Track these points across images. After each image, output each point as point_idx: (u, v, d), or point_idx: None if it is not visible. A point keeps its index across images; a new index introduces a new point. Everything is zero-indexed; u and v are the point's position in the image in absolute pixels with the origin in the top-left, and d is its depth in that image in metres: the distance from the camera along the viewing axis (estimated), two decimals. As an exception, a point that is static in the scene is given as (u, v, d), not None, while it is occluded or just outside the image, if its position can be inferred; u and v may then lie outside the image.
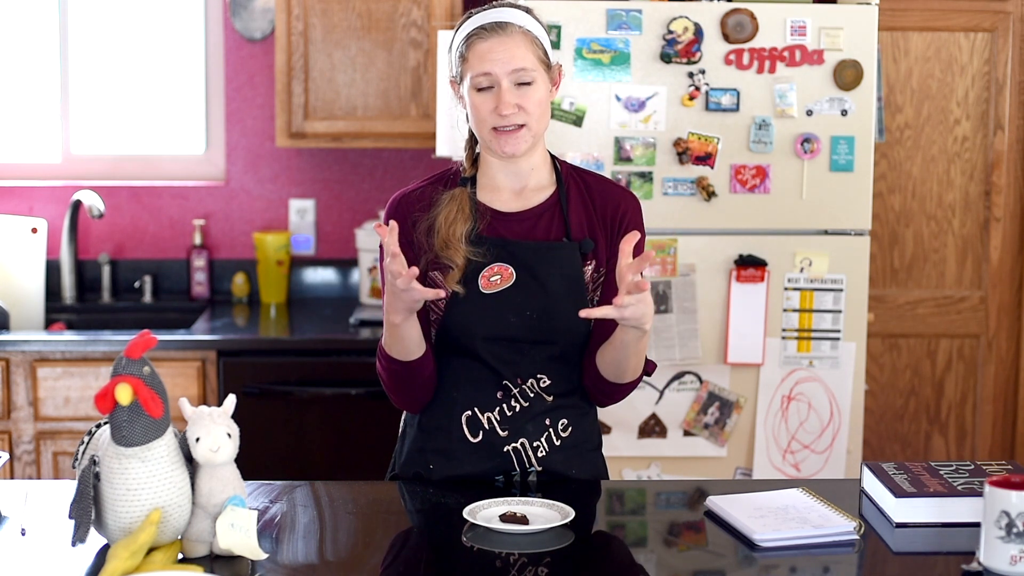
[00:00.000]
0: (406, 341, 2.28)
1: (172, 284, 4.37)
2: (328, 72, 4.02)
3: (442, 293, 2.20)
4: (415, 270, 2.13)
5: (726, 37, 3.40)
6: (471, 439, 2.35)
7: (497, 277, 2.33)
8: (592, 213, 2.39)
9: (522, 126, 2.30)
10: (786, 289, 3.46)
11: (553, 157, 2.44)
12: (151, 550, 1.94)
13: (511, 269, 2.33)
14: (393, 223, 2.15)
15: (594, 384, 2.38)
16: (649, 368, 2.39)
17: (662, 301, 3.42)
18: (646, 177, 3.42)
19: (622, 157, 3.41)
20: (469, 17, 2.34)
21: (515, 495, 2.27)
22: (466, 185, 2.39)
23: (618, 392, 2.38)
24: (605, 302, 2.34)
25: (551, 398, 2.36)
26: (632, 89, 3.40)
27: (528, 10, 2.36)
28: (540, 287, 2.32)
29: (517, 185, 2.39)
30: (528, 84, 2.29)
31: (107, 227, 4.35)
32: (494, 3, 2.37)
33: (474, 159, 2.41)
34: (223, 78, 4.37)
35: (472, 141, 2.41)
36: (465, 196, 2.36)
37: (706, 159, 3.42)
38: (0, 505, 2.19)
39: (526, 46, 2.30)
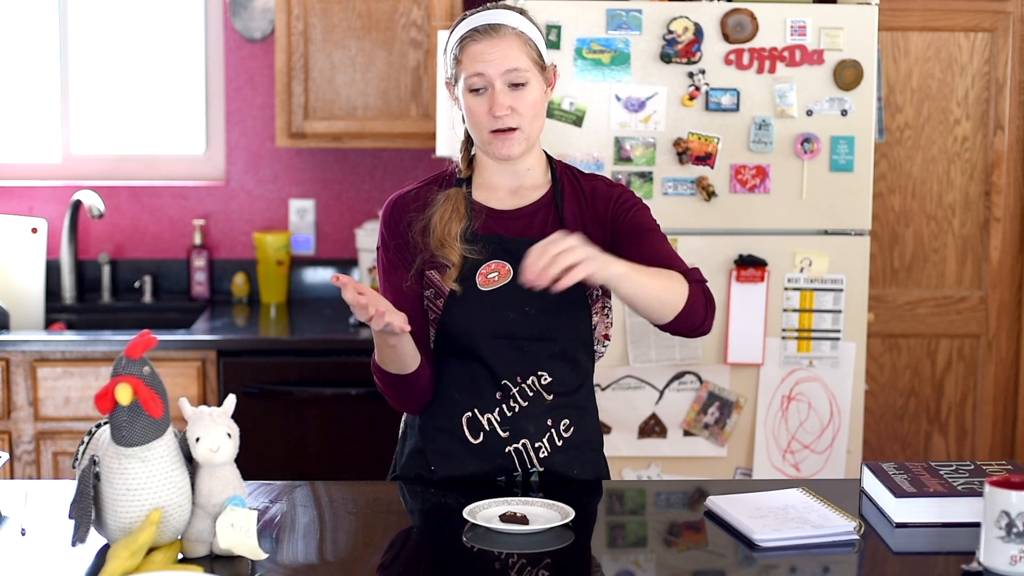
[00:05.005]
0: (401, 356, 2.29)
1: (172, 284, 4.37)
2: (328, 72, 4.02)
3: (407, 327, 2.17)
4: (381, 310, 2.12)
5: (726, 37, 3.40)
6: (472, 440, 2.35)
7: (495, 274, 2.33)
8: (586, 209, 2.39)
9: (515, 129, 2.30)
10: (786, 289, 3.46)
11: (548, 156, 2.45)
12: (151, 550, 1.94)
13: (508, 266, 2.33)
14: (341, 278, 2.12)
15: (673, 331, 2.30)
16: (695, 275, 2.29)
17: (662, 301, 3.42)
18: (646, 177, 3.42)
19: (622, 157, 3.41)
20: (463, 19, 2.35)
21: (516, 495, 2.27)
22: (461, 186, 2.39)
23: (688, 320, 2.27)
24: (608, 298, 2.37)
25: (551, 396, 2.36)
26: (632, 89, 3.40)
27: (522, 11, 2.36)
28: (537, 283, 2.32)
29: (513, 184, 2.40)
30: (522, 86, 2.29)
31: (107, 227, 4.35)
32: (488, 5, 2.38)
33: (470, 160, 2.42)
34: (223, 78, 4.37)
35: (468, 143, 2.42)
36: (460, 195, 2.37)
37: (706, 159, 3.42)
38: (0, 505, 2.19)
39: (519, 47, 2.30)
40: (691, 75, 3.40)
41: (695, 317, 2.28)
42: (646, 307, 2.24)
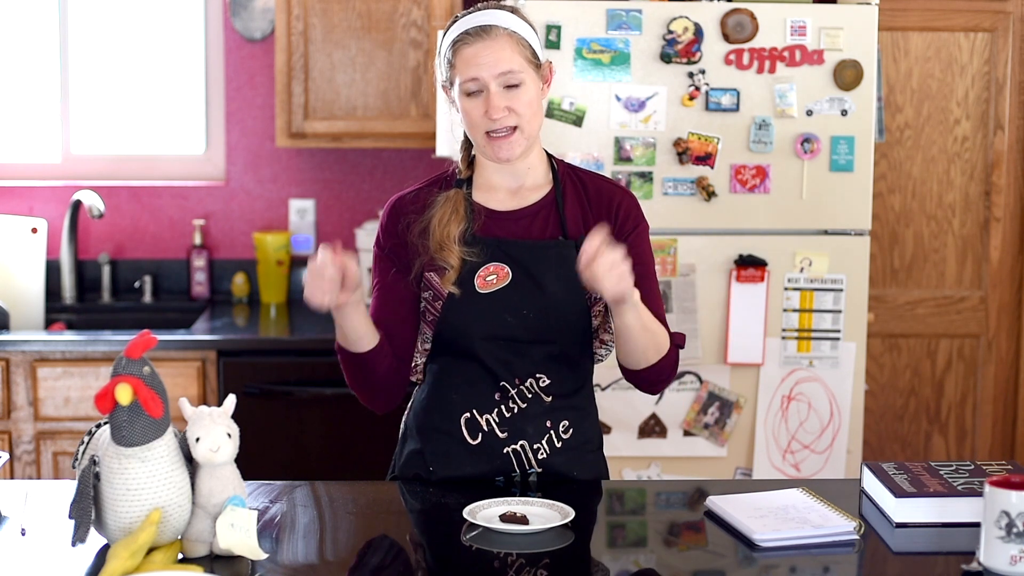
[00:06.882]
0: (350, 330, 2.30)
1: (172, 284, 4.37)
2: (328, 72, 4.02)
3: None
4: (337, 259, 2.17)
5: (726, 37, 3.40)
6: (470, 441, 2.35)
7: (493, 277, 2.33)
8: (588, 211, 2.38)
9: (515, 128, 2.29)
10: (786, 289, 3.46)
11: (550, 156, 2.44)
12: (151, 550, 1.94)
13: (507, 268, 2.33)
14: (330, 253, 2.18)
15: (635, 380, 2.40)
16: (678, 340, 2.38)
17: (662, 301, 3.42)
18: (646, 177, 3.42)
19: (622, 157, 3.41)
20: (455, 21, 2.34)
21: (515, 495, 2.27)
22: (462, 186, 2.39)
23: (657, 374, 2.36)
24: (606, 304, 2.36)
25: (550, 398, 2.36)
26: (632, 89, 3.40)
27: (514, 9, 2.35)
28: (536, 286, 2.32)
29: (514, 185, 2.39)
30: (517, 86, 2.29)
31: (107, 227, 4.35)
32: (479, 5, 2.37)
33: (470, 161, 2.42)
34: (223, 78, 4.38)
35: (468, 144, 2.41)
36: (460, 197, 2.36)
37: (706, 159, 3.42)
38: (0, 505, 2.19)
39: (512, 48, 2.29)
40: (691, 75, 3.40)
41: (660, 376, 2.37)
42: (634, 345, 2.30)
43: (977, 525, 1.97)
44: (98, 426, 2.05)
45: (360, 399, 2.44)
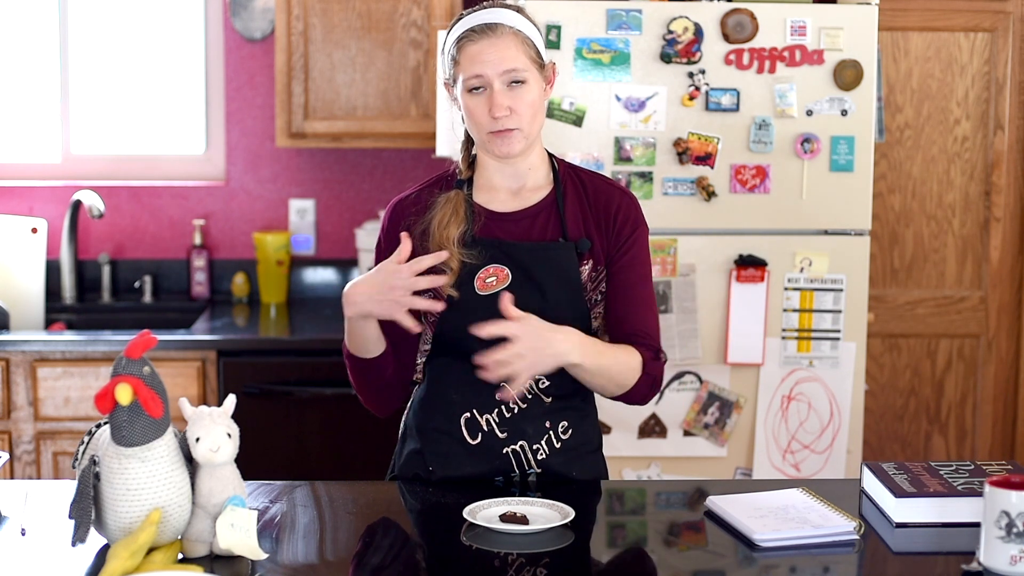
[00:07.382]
0: (361, 339, 2.31)
1: (172, 284, 4.37)
2: (328, 72, 4.02)
3: (438, 306, 2.24)
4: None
5: (726, 37, 3.40)
6: (470, 441, 2.35)
7: (493, 279, 2.33)
8: (588, 212, 2.38)
9: (515, 129, 2.29)
10: (786, 289, 3.46)
11: (551, 156, 2.44)
12: (151, 550, 1.94)
13: (507, 270, 2.33)
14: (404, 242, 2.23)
15: (618, 400, 2.41)
16: (651, 368, 2.35)
17: (662, 301, 3.42)
18: (646, 177, 3.42)
19: (622, 157, 3.41)
20: (460, 19, 2.34)
21: (515, 495, 2.27)
22: (462, 187, 2.38)
23: (631, 399, 2.38)
24: (607, 302, 2.37)
25: (550, 399, 2.36)
26: (632, 89, 3.40)
27: (519, 9, 2.35)
28: (536, 288, 2.31)
29: (515, 185, 2.39)
30: (520, 85, 2.29)
31: (107, 227, 4.35)
32: (484, 4, 2.37)
33: (471, 161, 2.41)
34: (223, 78, 4.38)
35: (468, 144, 2.41)
36: (460, 198, 2.36)
37: (706, 159, 3.42)
38: (0, 505, 2.19)
39: (517, 46, 2.29)
40: (691, 75, 3.40)
41: (633, 399, 2.38)
42: (591, 386, 2.35)
43: (977, 525, 1.97)
44: (98, 426, 2.05)
45: (363, 401, 2.44)
